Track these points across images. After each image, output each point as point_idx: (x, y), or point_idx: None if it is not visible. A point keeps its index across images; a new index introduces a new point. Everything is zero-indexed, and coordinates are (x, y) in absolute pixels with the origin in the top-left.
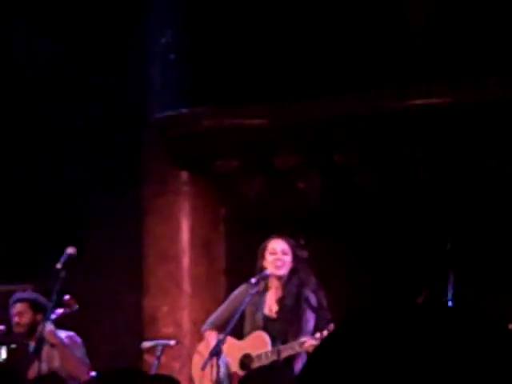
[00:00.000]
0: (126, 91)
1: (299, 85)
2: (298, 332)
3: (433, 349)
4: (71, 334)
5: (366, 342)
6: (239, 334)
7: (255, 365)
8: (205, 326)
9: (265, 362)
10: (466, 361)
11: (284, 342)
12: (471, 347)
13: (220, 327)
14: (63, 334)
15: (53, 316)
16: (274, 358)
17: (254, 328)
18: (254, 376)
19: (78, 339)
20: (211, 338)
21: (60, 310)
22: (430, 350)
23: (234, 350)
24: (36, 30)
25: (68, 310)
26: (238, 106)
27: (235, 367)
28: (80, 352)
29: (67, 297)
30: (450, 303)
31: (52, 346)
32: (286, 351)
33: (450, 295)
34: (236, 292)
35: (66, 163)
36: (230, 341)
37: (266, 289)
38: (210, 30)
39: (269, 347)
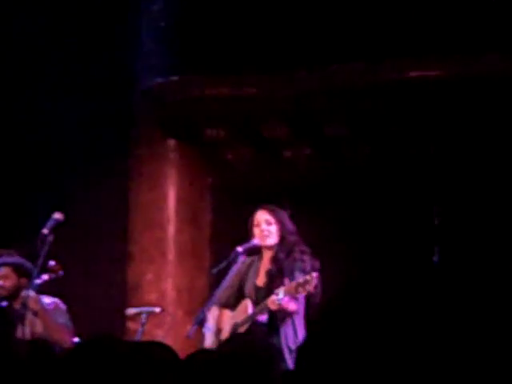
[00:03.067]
0: (117, 58)
1: (290, 55)
2: None
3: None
4: (55, 300)
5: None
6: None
7: (241, 330)
8: (207, 305)
9: (245, 327)
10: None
11: None
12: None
13: (222, 303)
14: (47, 299)
15: (37, 281)
16: (250, 321)
17: (245, 297)
18: (228, 342)
19: (62, 305)
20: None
21: (45, 276)
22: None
23: (227, 321)
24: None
25: (53, 276)
26: (228, 75)
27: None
28: (63, 318)
29: (52, 262)
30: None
31: (35, 313)
32: (259, 312)
33: (436, 269)
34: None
35: (54, 129)
36: (226, 313)
37: (259, 259)
38: None
39: (249, 312)
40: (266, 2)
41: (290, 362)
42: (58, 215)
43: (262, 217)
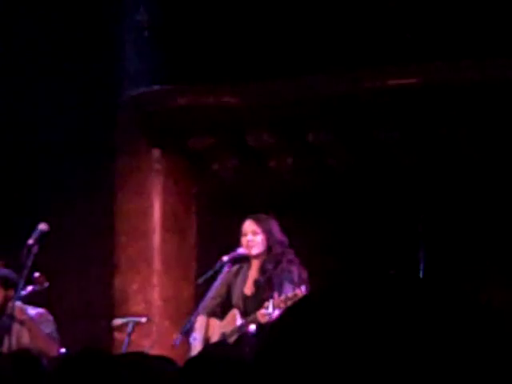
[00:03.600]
0: (101, 68)
1: (274, 63)
2: None
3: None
4: (42, 310)
5: (331, 317)
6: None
7: (230, 341)
8: (195, 314)
9: (234, 338)
10: (437, 334)
11: None
12: (442, 321)
13: (209, 312)
14: (33, 310)
15: (23, 292)
16: (239, 332)
17: (233, 307)
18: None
19: (49, 316)
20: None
21: (30, 287)
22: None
23: (215, 330)
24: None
25: (38, 287)
26: (212, 83)
27: None
28: (50, 328)
29: (37, 274)
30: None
31: (21, 323)
32: (247, 324)
33: (420, 273)
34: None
35: (39, 139)
36: (213, 322)
37: (248, 268)
38: (185, 8)
39: (238, 323)
40: (249, 13)
41: None
42: (43, 226)
43: (249, 227)
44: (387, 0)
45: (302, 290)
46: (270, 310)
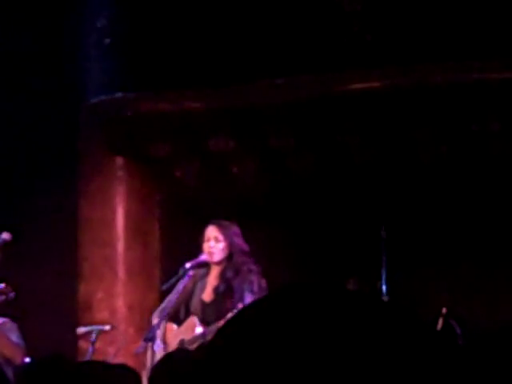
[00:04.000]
0: (62, 75)
1: (234, 69)
2: None
3: (347, 340)
4: (5, 319)
5: (276, 328)
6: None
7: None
8: (154, 316)
9: (194, 345)
10: (382, 357)
11: None
12: (389, 345)
13: (170, 315)
14: None
15: None
16: (201, 340)
17: (193, 313)
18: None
19: (13, 323)
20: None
21: None
22: (347, 340)
23: (173, 336)
24: None
25: (3, 298)
26: (173, 90)
27: None
28: (15, 336)
29: (2, 285)
30: (383, 287)
31: None
32: (210, 334)
33: (383, 278)
34: (177, 278)
35: (0, 147)
36: (170, 327)
37: (206, 274)
38: (146, 14)
39: (198, 331)
40: (208, 18)
41: None
42: (5, 235)
43: (212, 233)
44: (349, 3)
45: None
46: None
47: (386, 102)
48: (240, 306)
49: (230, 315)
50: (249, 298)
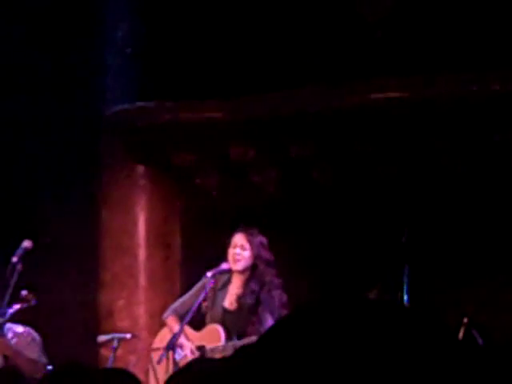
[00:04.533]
0: (84, 84)
1: (255, 78)
2: (255, 331)
3: (374, 349)
4: (27, 330)
5: (308, 340)
6: (200, 325)
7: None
8: (167, 313)
9: (218, 355)
10: (407, 365)
11: (239, 337)
12: (414, 353)
13: (181, 316)
14: (20, 328)
15: (10, 311)
16: (228, 352)
17: (213, 320)
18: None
19: (35, 336)
20: (173, 324)
21: (17, 305)
22: (372, 350)
23: (190, 339)
24: None
25: (25, 305)
26: (194, 99)
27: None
28: (35, 352)
29: (24, 292)
30: (405, 296)
31: (6, 357)
32: (242, 345)
33: (405, 289)
34: (199, 284)
35: (23, 156)
36: (187, 330)
37: (228, 282)
38: (167, 24)
39: (222, 341)
40: (232, 28)
41: None
42: (27, 243)
43: (239, 240)
44: (372, 14)
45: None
46: None
47: (407, 112)
48: (268, 316)
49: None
50: (269, 321)
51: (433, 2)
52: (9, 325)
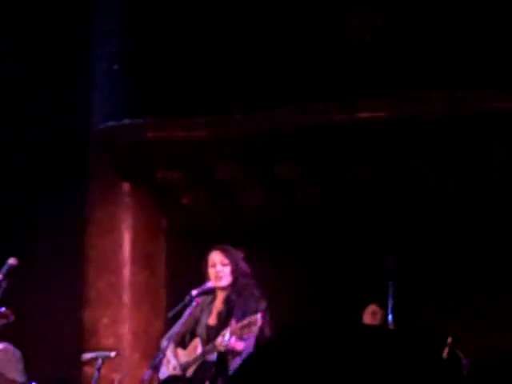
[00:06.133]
0: (71, 101)
1: (242, 97)
2: None
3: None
4: (8, 346)
5: (295, 359)
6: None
7: (191, 370)
8: (164, 343)
9: (194, 366)
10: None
11: None
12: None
13: (177, 342)
14: (0, 345)
15: None
16: (201, 360)
17: (196, 336)
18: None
19: (16, 352)
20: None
21: None
22: (359, 370)
23: (177, 357)
24: None
25: (4, 321)
26: (181, 117)
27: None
28: (15, 368)
29: (3, 308)
30: (389, 317)
31: None
32: (209, 352)
33: (390, 308)
34: (189, 310)
35: (9, 174)
36: (179, 351)
37: (213, 300)
38: (155, 41)
39: (198, 351)
40: (217, 48)
41: None
42: (12, 260)
43: (217, 258)
44: (359, 33)
45: (257, 317)
46: (227, 338)
47: (393, 131)
48: (234, 322)
49: (224, 332)
50: (245, 319)
51: (420, 21)
52: None
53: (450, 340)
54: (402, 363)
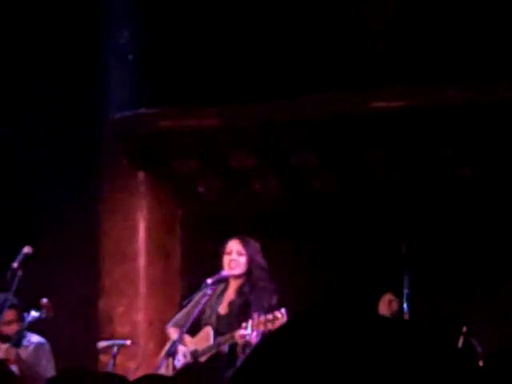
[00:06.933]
0: (85, 92)
1: (256, 86)
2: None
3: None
4: (42, 341)
5: (306, 347)
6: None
7: (202, 359)
8: (169, 324)
9: (209, 355)
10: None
11: None
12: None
13: (181, 326)
14: (35, 338)
15: (29, 319)
16: (215, 350)
17: (206, 324)
18: (183, 373)
19: (47, 348)
20: (173, 333)
21: (36, 314)
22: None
23: (188, 347)
24: None
25: (45, 313)
26: (196, 106)
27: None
28: (45, 364)
29: (44, 300)
30: (404, 306)
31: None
32: (224, 343)
33: (405, 297)
34: (199, 293)
35: (23, 163)
36: (186, 338)
37: (225, 289)
38: (169, 31)
39: (211, 341)
40: (231, 36)
41: None
42: (27, 249)
43: (235, 246)
44: (374, 23)
45: (282, 313)
46: (249, 331)
47: (409, 120)
48: (256, 315)
49: (245, 325)
50: (270, 314)
51: (435, 11)
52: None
53: (465, 329)
54: (416, 353)
